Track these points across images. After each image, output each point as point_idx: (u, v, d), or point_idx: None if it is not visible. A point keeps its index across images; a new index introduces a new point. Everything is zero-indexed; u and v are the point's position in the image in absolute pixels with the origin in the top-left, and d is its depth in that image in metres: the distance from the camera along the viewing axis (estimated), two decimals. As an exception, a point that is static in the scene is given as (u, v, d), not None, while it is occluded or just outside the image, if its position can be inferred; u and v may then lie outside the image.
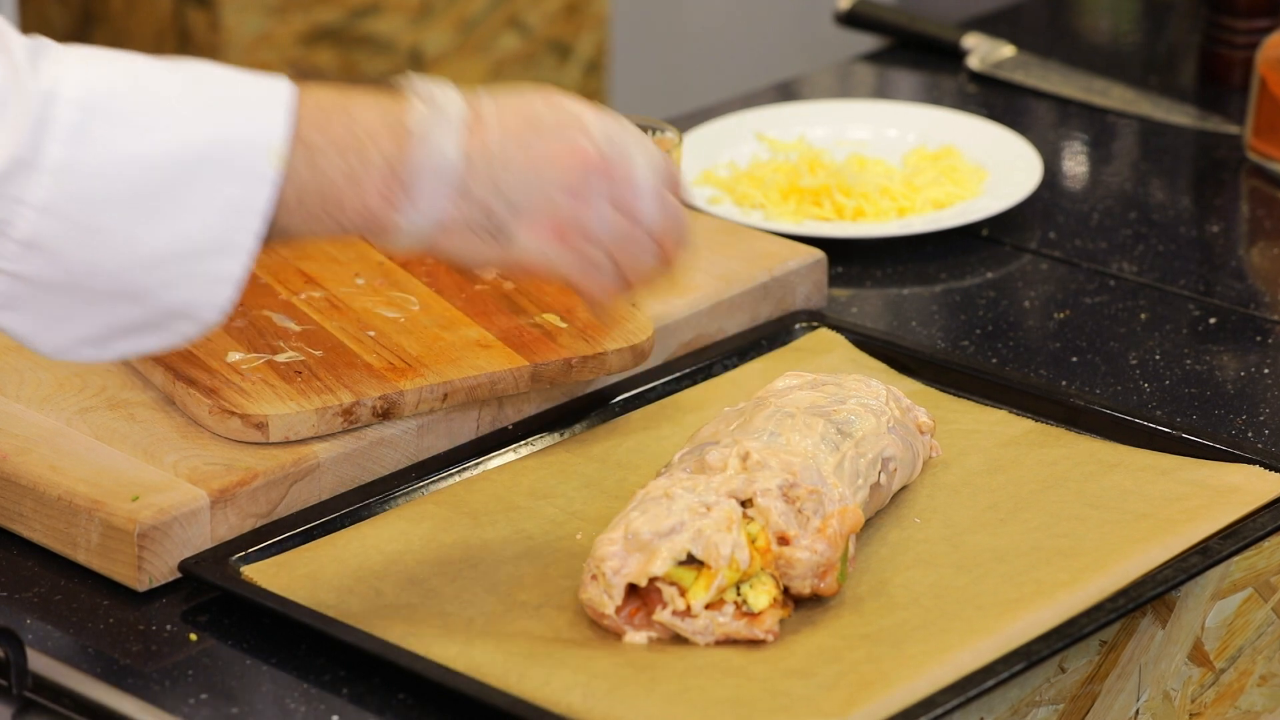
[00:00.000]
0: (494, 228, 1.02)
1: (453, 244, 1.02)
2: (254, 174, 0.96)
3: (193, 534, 1.12)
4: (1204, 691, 1.18)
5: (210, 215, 0.96)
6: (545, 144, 1.02)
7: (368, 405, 1.18)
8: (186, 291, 0.97)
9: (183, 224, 0.96)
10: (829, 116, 1.62)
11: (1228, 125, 1.65)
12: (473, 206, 1.01)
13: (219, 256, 0.97)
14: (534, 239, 1.03)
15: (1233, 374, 1.33)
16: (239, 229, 0.96)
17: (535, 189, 1.02)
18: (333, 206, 0.99)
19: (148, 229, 0.95)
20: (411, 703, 1.04)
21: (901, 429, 1.16)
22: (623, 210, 1.04)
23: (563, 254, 1.04)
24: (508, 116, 1.02)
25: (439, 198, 1.00)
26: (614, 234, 1.04)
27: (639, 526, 1.05)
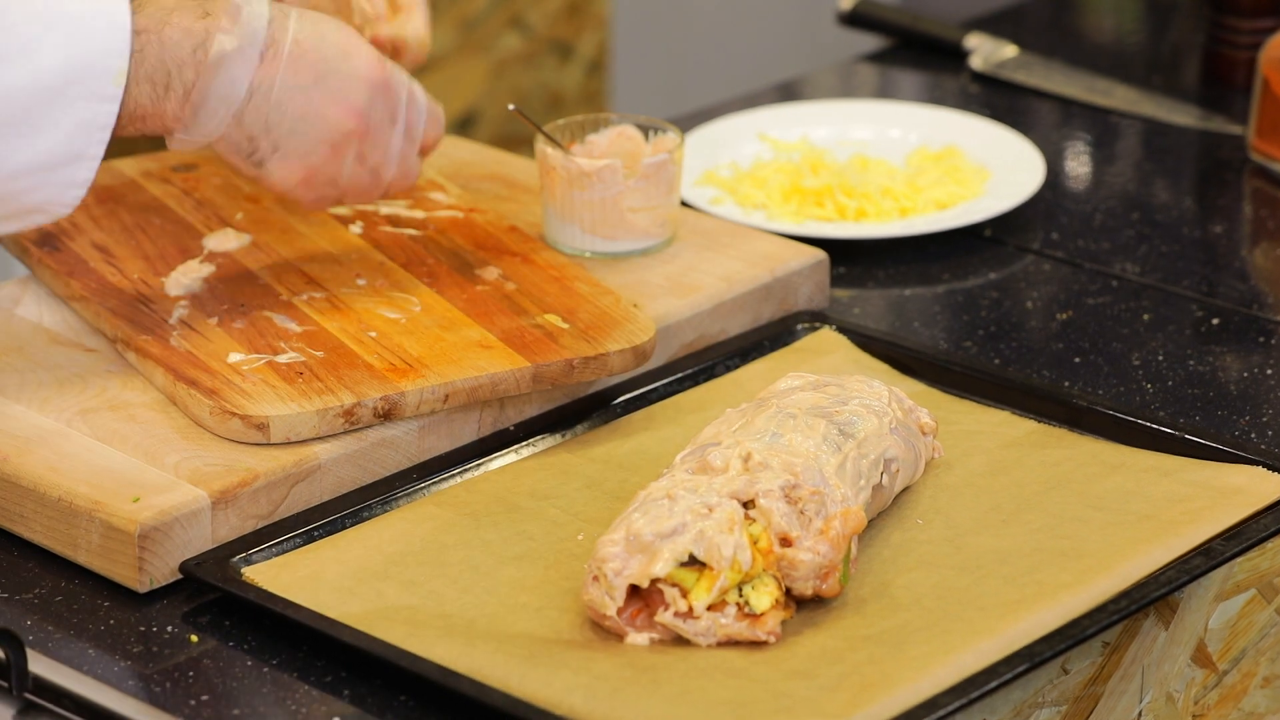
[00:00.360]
0: (254, 156, 1.18)
1: (216, 151, 1.19)
2: (101, 95, 1.12)
3: (194, 535, 1.12)
4: (1207, 693, 1.18)
5: (64, 134, 1.12)
6: (323, 97, 1.18)
7: (369, 406, 1.18)
8: (44, 195, 1.13)
9: (40, 145, 1.12)
10: (831, 117, 1.62)
11: (1231, 126, 1.65)
12: (242, 134, 1.17)
13: (71, 166, 1.13)
14: (284, 176, 1.19)
15: (1236, 375, 1.33)
16: (89, 142, 1.12)
17: (300, 136, 1.18)
18: (138, 122, 1.15)
19: (11, 150, 1.11)
20: (413, 704, 1.04)
21: (904, 430, 1.15)
22: (367, 167, 1.20)
23: (304, 194, 1.21)
24: (300, 60, 1.17)
25: (219, 120, 1.16)
26: (353, 185, 1.21)
27: (641, 528, 1.05)
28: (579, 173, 1.34)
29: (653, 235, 1.35)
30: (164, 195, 1.38)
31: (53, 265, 1.30)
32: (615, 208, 1.33)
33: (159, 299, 1.27)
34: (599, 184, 1.33)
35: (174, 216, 1.36)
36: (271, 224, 1.35)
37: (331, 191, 1.21)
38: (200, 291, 1.28)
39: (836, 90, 1.74)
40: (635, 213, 1.33)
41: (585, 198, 1.33)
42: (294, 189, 1.20)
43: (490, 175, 1.45)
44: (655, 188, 1.34)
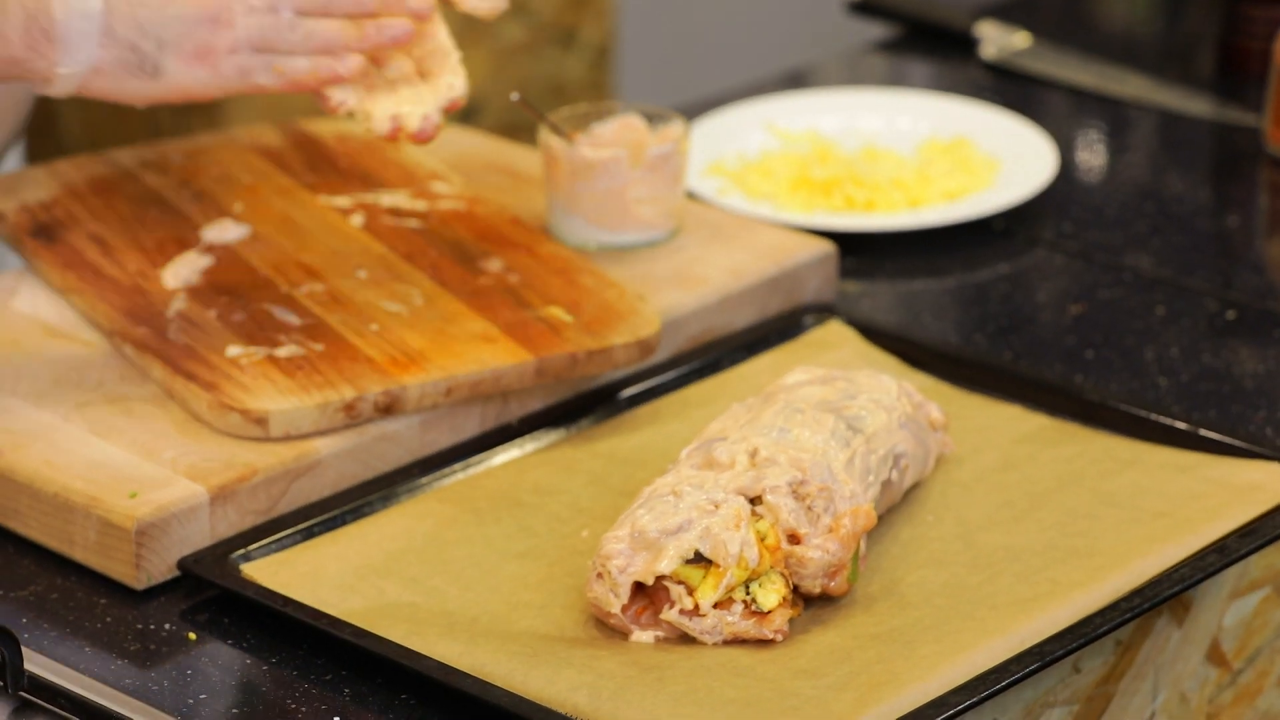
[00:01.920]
0: (144, 63, 1.13)
1: (108, 84, 1.13)
2: None
3: (192, 531, 1.11)
4: (1221, 692, 1.17)
5: None
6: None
7: (370, 400, 1.17)
8: None
9: None
10: (840, 106, 1.60)
11: (1246, 116, 1.63)
12: (120, 46, 1.12)
13: None
14: (184, 69, 1.14)
15: (1251, 369, 1.32)
16: None
17: (175, 21, 1.13)
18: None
19: None
20: (414, 703, 1.03)
21: (913, 425, 1.14)
22: (256, 8, 1.14)
23: (214, 76, 1.15)
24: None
25: (87, 43, 1.11)
26: (253, 32, 1.14)
27: (645, 524, 1.04)
28: (583, 163, 1.32)
29: (658, 227, 1.34)
30: (161, 186, 1.37)
31: (49, 257, 1.29)
32: (620, 199, 1.32)
33: (156, 291, 1.26)
34: (603, 175, 1.32)
35: (171, 208, 1.35)
36: (271, 215, 1.34)
37: (239, 58, 1.15)
38: (198, 284, 1.27)
39: (845, 80, 1.73)
40: (640, 204, 1.32)
41: (590, 188, 1.32)
42: (200, 75, 1.14)
43: (493, 166, 1.45)
44: (660, 178, 1.32)
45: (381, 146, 1.43)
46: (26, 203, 1.35)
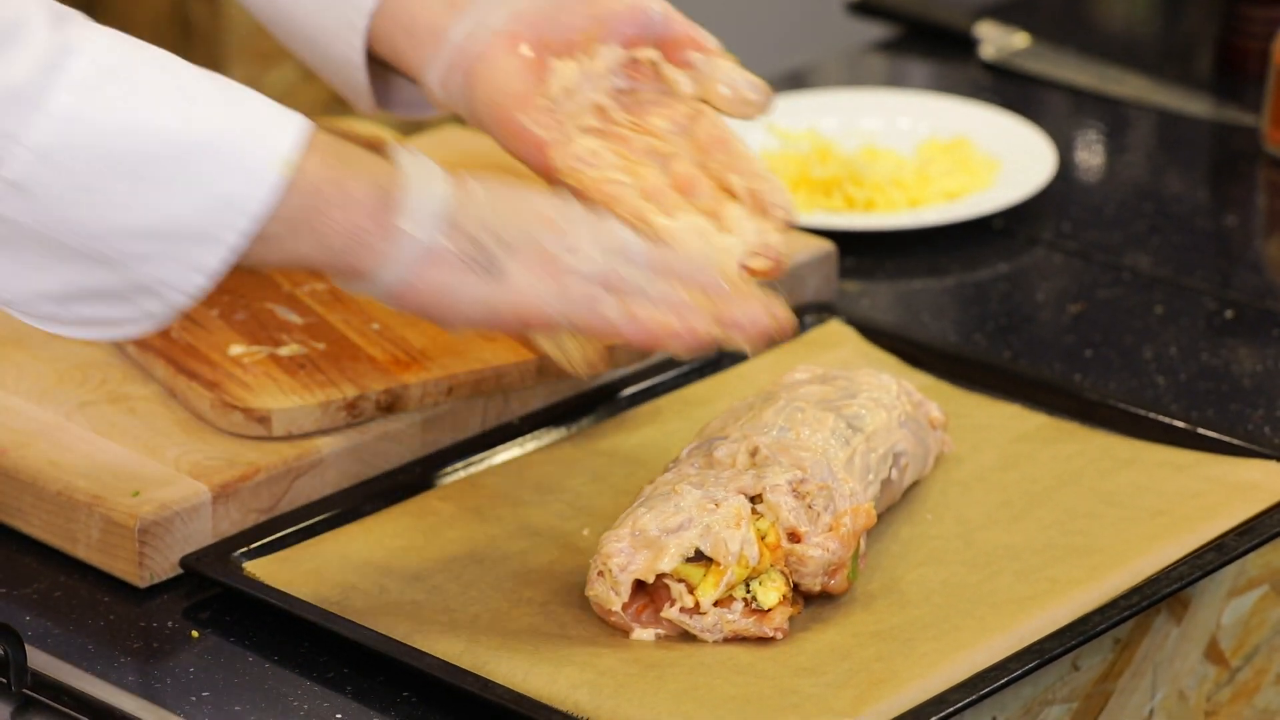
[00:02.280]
0: (488, 262, 1.00)
1: (441, 277, 1.00)
2: (257, 175, 0.96)
3: (194, 529, 1.11)
4: (1220, 690, 1.17)
5: (204, 202, 0.96)
6: (527, 201, 1.02)
7: (372, 399, 1.17)
8: (161, 269, 0.97)
9: (175, 204, 0.95)
10: (840, 106, 1.61)
11: (1244, 116, 1.64)
12: (463, 238, 1.00)
13: (202, 245, 0.96)
14: (527, 275, 1.01)
15: (1250, 368, 1.32)
16: (228, 225, 0.96)
17: (521, 232, 1.01)
18: (319, 220, 0.98)
19: (139, 200, 0.95)
20: (416, 700, 1.03)
21: (913, 424, 1.15)
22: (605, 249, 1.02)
23: (558, 292, 1.01)
24: (487, 180, 1.03)
25: (429, 224, 1.00)
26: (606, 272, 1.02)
27: (646, 523, 1.04)
28: None
29: None
30: (165, 185, 1.37)
31: (53, 256, 1.30)
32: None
33: (160, 290, 1.26)
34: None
35: (175, 207, 1.35)
36: (274, 214, 1.34)
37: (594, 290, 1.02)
38: (202, 283, 1.27)
39: (845, 80, 1.73)
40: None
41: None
42: (545, 291, 1.01)
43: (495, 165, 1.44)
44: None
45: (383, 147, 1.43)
46: (29, 202, 1.35)
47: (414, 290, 1.01)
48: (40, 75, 0.93)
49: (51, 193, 0.94)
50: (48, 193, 0.94)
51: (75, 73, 0.94)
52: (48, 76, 0.94)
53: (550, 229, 1.01)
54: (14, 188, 0.94)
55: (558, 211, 1.02)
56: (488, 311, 1.01)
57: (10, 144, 0.94)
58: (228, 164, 0.96)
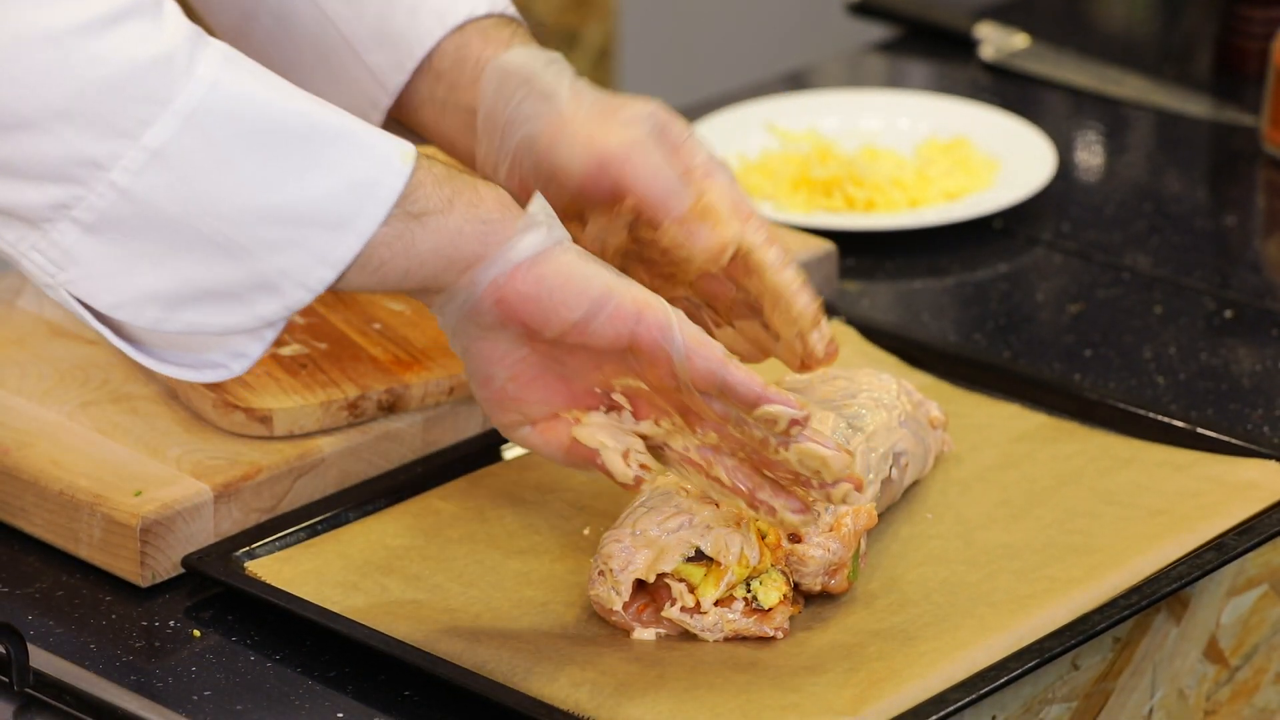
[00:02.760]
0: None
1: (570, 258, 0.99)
2: (387, 162, 0.95)
3: (196, 529, 1.11)
4: (1219, 689, 1.17)
5: (339, 185, 0.94)
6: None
7: (373, 399, 1.17)
8: (289, 258, 0.94)
9: (313, 185, 0.94)
10: (840, 107, 1.61)
11: (1243, 116, 1.64)
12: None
13: (335, 232, 0.94)
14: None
15: (1249, 368, 1.32)
16: (362, 212, 0.94)
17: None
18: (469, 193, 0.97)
19: (279, 178, 0.93)
20: (417, 699, 1.03)
21: (913, 423, 1.15)
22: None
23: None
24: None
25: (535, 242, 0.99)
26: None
27: (647, 523, 1.04)
28: None
29: None
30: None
31: (55, 256, 1.30)
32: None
33: (162, 290, 1.26)
34: None
35: (177, 207, 1.35)
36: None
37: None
38: (203, 283, 1.27)
39: (845, 80, 1.73)
40: None
41: None
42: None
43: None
44: None
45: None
46: (31, 203, 1.35)
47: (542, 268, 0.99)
48: (188, 43, 0.92)
49: (193, 163, 0.92)
50: (189, 163, 0.92)
51: (217, 47, 0.94)
52: (195, 46, 0.93)
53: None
54: (156, 156, 0.91)
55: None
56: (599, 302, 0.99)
57: (159, 109, 0.91)
58: (363, 151, 0.95)
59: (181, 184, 0.92)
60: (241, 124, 0.93)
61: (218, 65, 0.93)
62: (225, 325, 0.96)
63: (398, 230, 0.96)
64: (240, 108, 0.93)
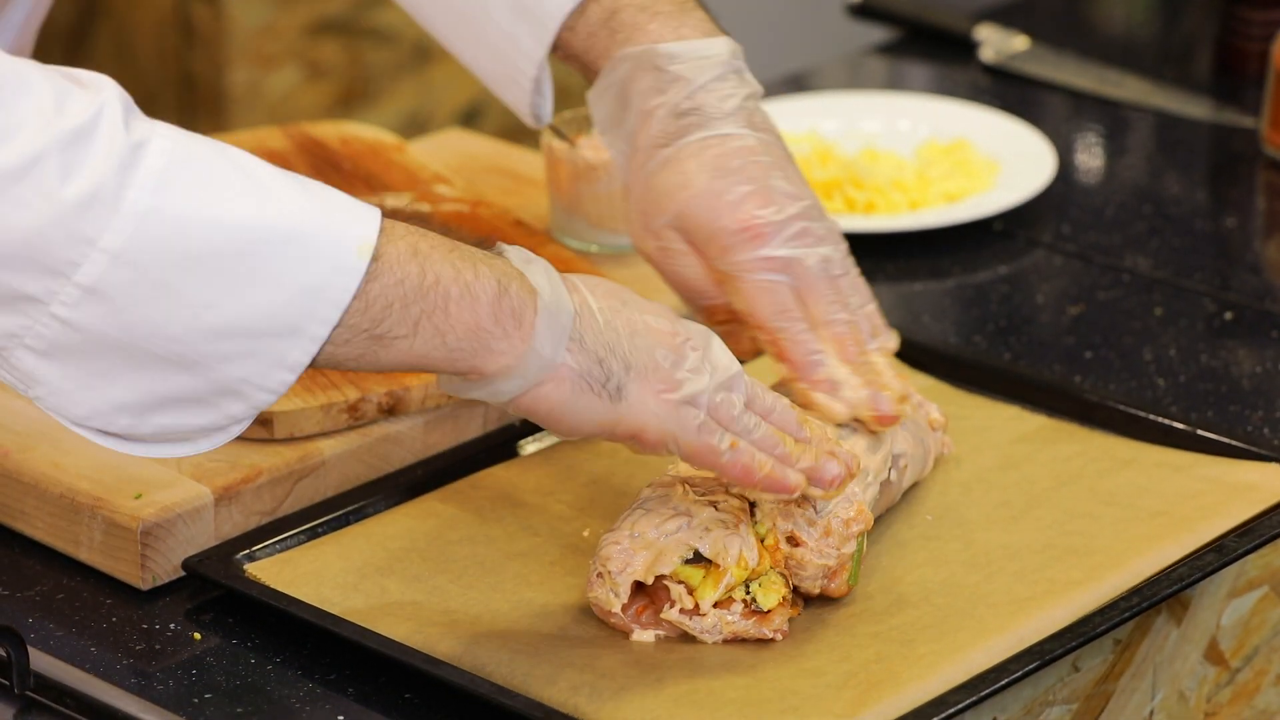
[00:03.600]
0: (609, 382, 0.98)
1: (562, 397, 0.98)
2: (339, 263, 0.92)
3: (197, 532, 1.11)
4: (1219, 691, 1.17)
5: (286, 295, 0.92)
6: (637, 315, 1.01)
7: (374, 401, 1.17)
8: (244, 369, 0.93)
9: (256, 299, 0.91)
10: (840, 109, 1.61)
11: (1243, 118, 1.64)
12: (588, 358, 0.98)
13: (286, 340, 0.92)
14: (645, 397, 0.99)
15: (1249, 369, 1.32)
16: (313, 317, 0.92)
17: (643, 351, 0.99)
18: (438, 314, 0.95)
19: (220, 297, 0.91)
20: (417, 701, 1.03)
21: (913, 425, 1.15)
22: (719, 379, 1.01)
23: (669, 416, 1.00)
24: (596, 287, 1.01)
25: (557, 338, 0.97)
26: (711, 401, 1.01)
27: (644, 525, 1.04)
28: (585, 166, 1.33)
29: None
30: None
31: (55, 259, 1.30)
32: (622, 201, 1.32)
33: (162, 293, 1.26)
34: (605, 178, 1.32)
35: (177, 210, 1.35)
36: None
37: (701, 417, 1.00)
38: (203, 286, 1.27)
39: (845, 82, 1.73)
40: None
41: (592, 191, 1.33)
42: (658, 414, 0.99)
43: (496, 169, 1.45)
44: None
45: (385, 149, 1.43)
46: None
47: (531, 402, 0.98)
48: (116, 175, 0.89)
49: (130, 295, 0.90)
50: (126, 296, 0.90)
51: (150, 169, 0.90)
52: (123, 176, 0.89)
53: (669, 348, 1.00)
54: (91, 294, 0.90)
55: (673, 326, 1.01)
56: (602, 429, 0.99)
57: (87, 249, 0.89)
58: (313, 254, 0.92)
59: (121, 313, 0.91)
60: (175, 251, 0.90)
61: (150, 191, 0.90)
62: (198, 425, 0.95)
63: (361, 349, 0.94)
64: (173, 234, 0.90)
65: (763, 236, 1.09)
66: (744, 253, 1.09)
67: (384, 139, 1.44)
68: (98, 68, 1.11)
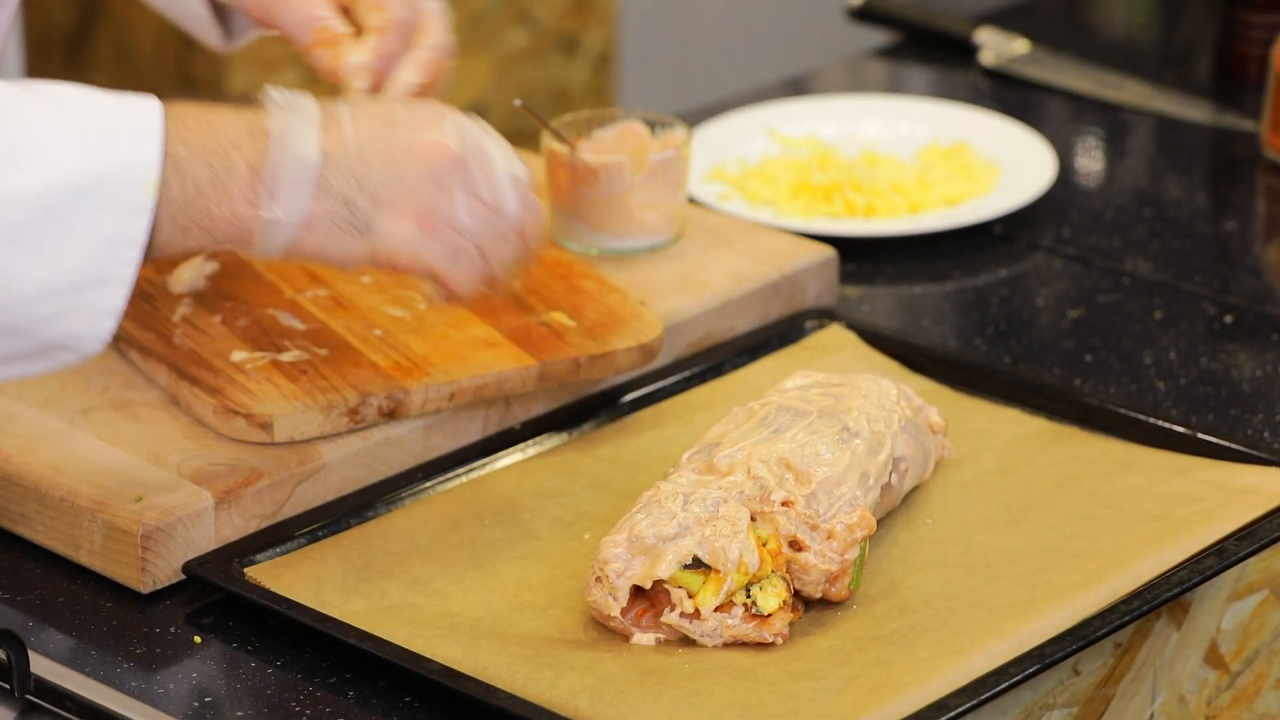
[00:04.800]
0: (356, 220, 1.05)
1: (316, 240, 1.05)
2: (130, 206, 0.99)
3: (197, 535, 1.11)
4: (1220, 694, 1.17)
5: (88, 250, 0.98)
6: (402, 138, 1.06)
7: (374, 405, 1.17)
8: (67, 325, 0.99)
9: (62, 260, 0.98)
10: (840, 112, 1.61)
11: (1243, 121, 1.64)
12: (333, 200, 1.04)
13: (98, 289, 0.99)
14: (397, 227, 1.05)
15: (1249, 373, 1.32)
16: (117, 261, 0.99)
17: (395, 180, 1.05)
18: (202, 218, 1.02)
19: (27, 267, 0.97)
20: (418, 705, 1.03)
21: (913, 428, 1.15)
22: (483, 201, 1.07)
23: (426, 241, 1.06)
24: (363, 117, 1.06)
25: (300, 194, 1.04)
26: (477, 222, 1.07)
27: (643, 529, 1.04)
28: (585, 169, 1.33)
29: (660, 232, 1.34)
30: (167, 192, 1.37)
31: (55, 263, 1.30)
32: (622, 204, 1.32)
33: (162, 296, 1.27)
34: (605, 181, 1.32)
35: (178, 213, 1.35)
36: (275, 221, 1.35)
37: (456, 237, 1.07)
38: (204, 289, 1.27)
39: (845, 86, 1.73)
40: (643, 209, 1.33)
41: (592, 194, 1.33)
42: (412, 238, 1.06)
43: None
44: (662, 184, 1.33)
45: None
46: (32, 209, 1.35)
47: (298, 249, 1.05)
48: None
49: None
50: None
51: None
52: None
53: (428, 171, 1.06)
54: None
55: (442, 142, 1.06)
56: (361, 260, 1.06)
57: None
58: (102, 203, 0.98)
59: None
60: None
61: None
62: (40, 371, 1.02)
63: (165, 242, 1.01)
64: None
65: None
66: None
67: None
68: (98, 70, 1.12)
